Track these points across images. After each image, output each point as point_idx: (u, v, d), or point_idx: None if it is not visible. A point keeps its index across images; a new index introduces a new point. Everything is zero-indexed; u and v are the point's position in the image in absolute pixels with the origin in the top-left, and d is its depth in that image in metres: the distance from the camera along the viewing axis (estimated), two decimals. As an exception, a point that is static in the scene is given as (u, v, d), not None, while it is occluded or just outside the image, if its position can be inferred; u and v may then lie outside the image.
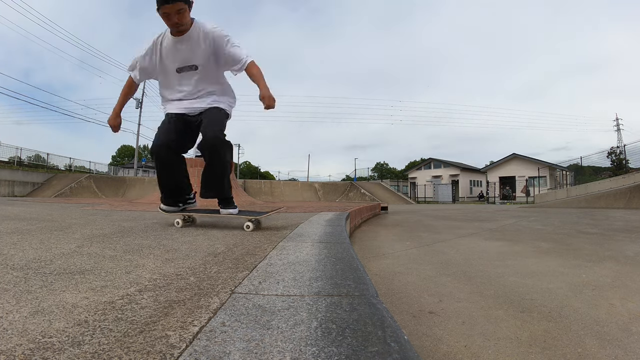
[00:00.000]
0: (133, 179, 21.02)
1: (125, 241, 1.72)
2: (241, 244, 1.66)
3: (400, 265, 2.17)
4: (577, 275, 1.86)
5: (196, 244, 1.66)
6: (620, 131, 38.06)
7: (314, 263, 1.24)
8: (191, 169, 5.66)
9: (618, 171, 21.43)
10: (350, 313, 0.74)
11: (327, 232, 2.11)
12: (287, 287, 0.95)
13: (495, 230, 3.97)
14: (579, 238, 3.26)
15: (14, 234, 1.89)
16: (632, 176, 12.51)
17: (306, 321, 0.71)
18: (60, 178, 18.94)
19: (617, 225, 4.37)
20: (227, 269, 1.17)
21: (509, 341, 1.09)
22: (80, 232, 2.04)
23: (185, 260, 1.31)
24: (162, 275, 1.08)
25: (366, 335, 0.63)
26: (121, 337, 0.64)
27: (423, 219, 5.57)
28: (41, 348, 0.59)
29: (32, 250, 1.43)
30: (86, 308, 0.78)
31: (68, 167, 23.82)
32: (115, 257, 1.33)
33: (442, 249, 2.71)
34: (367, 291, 0.90)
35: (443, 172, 38.00)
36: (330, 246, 1.59)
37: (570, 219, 5.35)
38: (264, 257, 1.35)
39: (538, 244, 2.90)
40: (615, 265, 2.09)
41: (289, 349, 0.59)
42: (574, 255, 2.43)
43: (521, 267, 2.09)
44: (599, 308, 1.38)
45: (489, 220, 5.33)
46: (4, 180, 16.12)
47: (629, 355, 1.01)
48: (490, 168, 33.55)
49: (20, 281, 0.98)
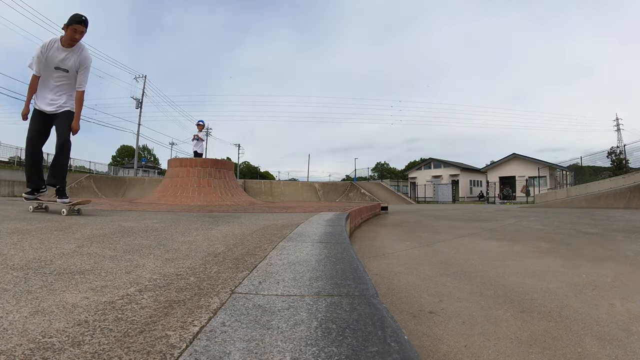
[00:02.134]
0: (133, 179, 21.01)
1: (125, 241, 1.72)
2: (241, 244, 1.66)
3: (400, 265, 2.17)
4: (577, 275, 1.86)
5: (196, 244, 1.66)
6: (620, 131, 38.09)
7: (314, 263, 1.24)
8: (191, 169, 5.77)
9: (618, 171, 21.44)
10: (350, 313, 0.74)
11: (327, 232, 2.11)
12: (287, 287, 0.95)
13: (495, 230, 3.97)
14: (579, 238, 3.25)
15: (14, 234, 1.89)
16: (632, 176, 12.52)
17: (306, 321, 0.71)
18: (60, 178, 18.91)
19: (617, 225, 4.36)
20: (227, 269, 1.17)
21: (509, 341, 1.09)
22: (80, 232, 2.04)
23: (185, 260, 1.31)
24: (162, 275, 1.08)
25: (366, 335, 0.63)
26: (121, 337, 0.63)
27: (423, 219, 5.57)
28: (41, 348, 0.59)
29: (32, 250, 1.43)
30: (86, 308, 0.78)
31: (68, 167, 23.80)
32: (115, 257, 1.33)
33: (442, 249, 2.71)
34: (367, 291, 0.90)
35: (443, 172, 38.00)
36: (330, 246, 1.59)
37: (570, 219, 5.35)
38: (264, 257, 1.35)
39: (538, 244, 2.90)
40: (615, 265, 2.09)
41: (289, 349, 0.59)
42: (574, 255, 2.43)
43: (521, 267, 2.09)
44: (599, 308, 1.38)
45: (489, 220, 5.33)
46: (4, 180, 16.12)
47: (629, 355, 1.00)
48: (490, 168, 33.55)
49: (20, 281, 0.98)
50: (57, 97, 3.12)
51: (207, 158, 8.84)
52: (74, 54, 3.07)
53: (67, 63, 3.07)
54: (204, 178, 6.79)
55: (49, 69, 3.06)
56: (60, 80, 3.12)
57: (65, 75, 3.12)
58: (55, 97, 3.12)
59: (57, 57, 3.03)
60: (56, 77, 3.10)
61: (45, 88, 3.12)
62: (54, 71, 3.08)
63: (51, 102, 3.11)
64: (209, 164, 7.06)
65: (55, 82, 3.11)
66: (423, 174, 39.58)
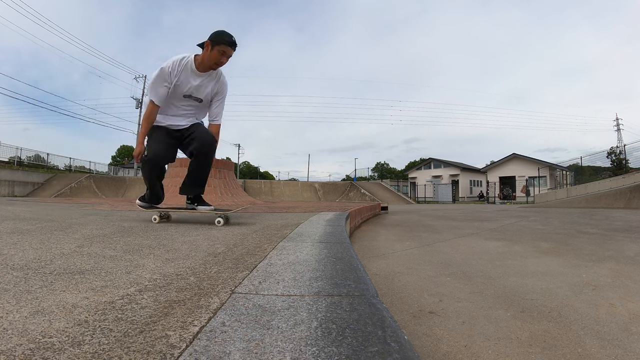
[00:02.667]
0: (133, 179, 21.02)
1: (125, 241, 1.72)
2: (241, 244, 1.66)
3: (400, 265, 2.17)
4: (577, 275, 1.86)
5: (196, 244, 1.66)
6: (620, 131, 38.11)
7: (314, 263, 1.24)
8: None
9: (618, 171, 21.43)
10: (350, 313, 0.74)
11: (327, 232, 2.11)
12: (287, 287, 0.95)
13: (495, 230, 3.97)
14: (579, 238, 3.25)
15: (14, 234, 1.89)
16: (632, 176, 12.52)
17: (306, 321, 0.70)
18: (60, 178, 18.94)
19: (617, 225, 4.36)
20: (227, 269, 1.17)
21: (509, 341, 1.09)
22: (80, 232, 2.04)
23: (185, 260, 1.31)
24: (162, 275, 1.08)
25: (366, 335, 0.63)
26: (121, 337, 0.63)
27: (423, 219, 5.57)
28: (41, 348, 0.59)
29: (32, 250, 1.43)
30: (86, 308, 0.78)
31: (68, 167, 23.82)
32: (115, 257, 1.33)
33: (442, 249, 2.71)
34: (367, 291, 0.90)
35: (443, 172, 38.00)
36: (330, 246, 1.59)
37: (570, 219, 5.35)
38: (264, 257, 1.35)
39: (538, 244, 2.90)
40: (615, 265, 2.09)
41: (289, 349, 0.59)
42: (574, 255, 2.43)
43: (521, 267, 2.09)
44: (599, 308, 1.38)
45: (489, 220, 5.33)
46: (4, 180, 16.12)
47: (629, 355, 1.00)
48: (490, 168, 33.55)
49: (20, 281, 0.98)
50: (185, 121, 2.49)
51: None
52: (211, 80, 2.39)
53: (203, 91, 2.40)
54: (204, 178, 6.78)
55: (176, 97, 2.37)
56: (188, 110, 2.47)
57: (196, 106, 2.46)
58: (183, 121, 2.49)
59: (189, 84, 2.33)
60: (183, 105, 2.43)
61: (167, 115, 2.46)
62: (182, 100, 2.39)
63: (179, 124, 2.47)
64: (209, 164, 7.05)
65: (181, 112, 2.46)
66: (423, 174, 39.58)
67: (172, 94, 2.36)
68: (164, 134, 2.45)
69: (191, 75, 2.32)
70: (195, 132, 2.45)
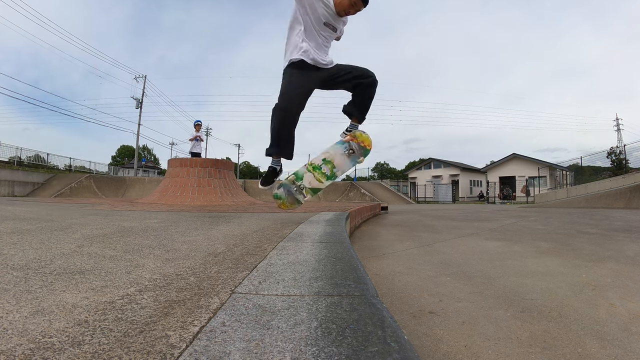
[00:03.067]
0: (133, 179, 21.01)
1: (125, 241, 1.72)
2: (241, 244, 1.66)
3: (400, 265, 2.17)
4: (577, 275, 1.86)
5: (196, 244, 1.66)
6: (620, 131, 38.12)
7: (314, 263, 1.24)
8: (190, 169, 5.77)
9: (618, 171, 21.44)
10: (350, 313, 0.74)
11: (327, 232, 2.11)
12: (287, 287, 0.95)
13: (495, 230, 3.96)
14: (579, 238, 3.25)
15: (14, 234, 1.89)
16: (632, 176, 12.52)
17: (306, 321, 0.70)
18: (60, 178, 18.94)
19: (617, 225, 4.36)
20: (227, 269, 1.17)
21: (509, 341, 1.09)
22: (80, 232, 2.04)
23: (185, 260, 1.31)
24: (162, 275, 1.08)
25: (366, 335, 0.63)
26: (121, 337, 0.63)
27: (423, 219, 5.57)
28: (41, 348, 0.59)
29: (32, 250, 1.43)
30: (86, 308, 0.78)
31: (68, 167, 23.84)
32: (115, 257, 1.33)
33: (442, 249, 2.71)
34: (367, 291, 0.90)
35: (443, 172, 38.02)
36: (330, 246, 1.59)
37: (570, 219, 5.35)
38: (264, 257, 1.35)
39: (538, 244, 2.90)
40: (615, 265, 2.09)
41: (289, 349, 0.59)
42: (574, 255, 2.43)
43: (521, 267, 2.09)
44: (599, 308, 1.38)
45: (489, 220, 5.33)
46: (4, 180, 16.12)
47: (629, 355, 1.00)
48: (490, 168, 33.57)
49: (20, 281, 0.98)
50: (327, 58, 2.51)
51: (207, 158, 8.84)
52: (339, 22, 2.45)
53: (339, 24, 2.46)
54: (204, 178, 6.79)
55: (319, 23, 2.37)
56: (327, 44, 2.49)
57: (330, 40, 2.50)
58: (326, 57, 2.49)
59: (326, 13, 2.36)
60: (323, 35, 2.43)
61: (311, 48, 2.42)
62: (323, 28, 2.41)
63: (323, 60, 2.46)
64: (208, 164, 7.06)
65: (324, 43, 2.46)
66: (423, 174, 39.60)
67: (314, 17, 2.32)
68: (307, 78, 2.40)
69: (326, 8, 2.33)
70: (349, 68, 2.55)
